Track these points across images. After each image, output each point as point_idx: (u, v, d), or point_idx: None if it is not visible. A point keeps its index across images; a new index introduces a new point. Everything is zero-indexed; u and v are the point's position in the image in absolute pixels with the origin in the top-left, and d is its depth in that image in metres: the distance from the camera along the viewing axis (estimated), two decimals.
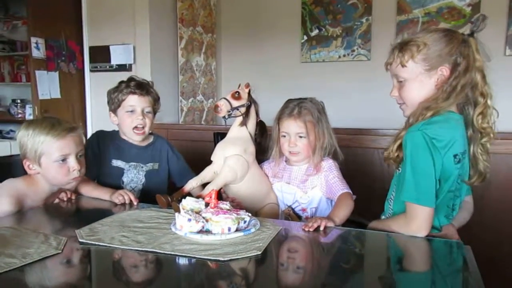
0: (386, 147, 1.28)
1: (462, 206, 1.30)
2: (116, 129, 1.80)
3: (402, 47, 1.22)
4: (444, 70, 1.19)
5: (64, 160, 1.40)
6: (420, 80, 1.21)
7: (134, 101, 1.68)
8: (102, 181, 1.70)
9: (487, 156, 1.25)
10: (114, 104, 1.71)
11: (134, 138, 1.73)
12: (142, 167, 1.76)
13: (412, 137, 1.14)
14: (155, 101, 1.75)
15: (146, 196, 1.66)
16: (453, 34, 1.20)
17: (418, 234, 1.14)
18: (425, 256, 1.12)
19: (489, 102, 1.20)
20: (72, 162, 1.41)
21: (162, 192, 1.43)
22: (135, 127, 1.70)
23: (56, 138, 1.38)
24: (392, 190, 1.32)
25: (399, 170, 1.26)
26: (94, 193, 1.58)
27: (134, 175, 1.74)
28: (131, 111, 1.69)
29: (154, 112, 1.76)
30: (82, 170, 1.44)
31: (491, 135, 1.22)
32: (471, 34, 1.20)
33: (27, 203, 1.41)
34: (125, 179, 1.74)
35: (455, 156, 1.15)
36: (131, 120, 1.69)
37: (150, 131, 1.78)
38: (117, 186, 1.67)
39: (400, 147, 1.20)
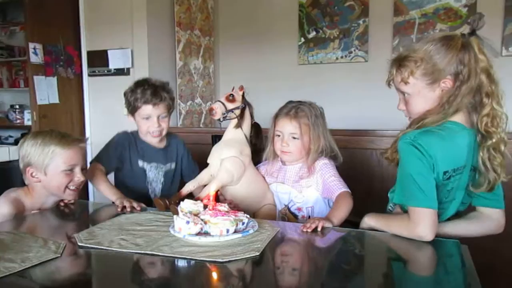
0: (387, 148, 1.27)
1: (473, 216, 1.25)
2: (135, 129, 1.81)
3: (400, 63, 1.20)
4: (447, 82, 1.16)
5: (70, 170, 1.44)
6: (424, 94, 1.18)
7: (150, 111, 1.69)
8: (128, 181, 1.74)
9: (502, 159, 1.15)
10: (130, 107, 1.72)
11: (151, 141, 1.75)
12: (161, 167, 1.78)
13: (403, 145, 1.14)
14: (170, 105, 1.75)
15: (165, 195, 1.68)
16: (450, 42, 1.14)
17: (424, 238, 1.10)
18: (424, 255, 1.11)
19: (494, 104, 1.14)
20: (78, 172, 1.46)
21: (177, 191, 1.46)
22: (151, 132, 1.72)
23: (66, 148, 1.42)
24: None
25: None
26: (102, 187, 1.60)
27: (154, 175, 1.78)
28: (147, 118, 1.70)
29: (170, 112, 1.77)
30: (82, 182, 1.49)
31: (494, 139, 1.14)
32: (472, 32, 1.15)
33: (21, 211, 1.42)
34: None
35: (445, 173, 1.13)
36: (147, 126, 1.71)
37: None
38: (142, 186, 1.73)
39: (396, 149, 1.19)
